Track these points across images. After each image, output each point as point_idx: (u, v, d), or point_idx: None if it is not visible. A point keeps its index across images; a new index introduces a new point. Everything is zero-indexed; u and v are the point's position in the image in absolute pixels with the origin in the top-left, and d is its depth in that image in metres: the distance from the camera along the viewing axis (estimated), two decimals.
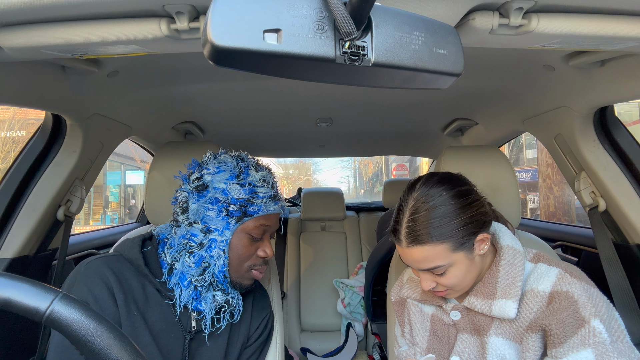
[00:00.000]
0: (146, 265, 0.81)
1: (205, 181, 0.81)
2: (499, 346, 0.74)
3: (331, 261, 2.30)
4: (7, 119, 9.95)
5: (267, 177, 0.85)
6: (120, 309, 0.75)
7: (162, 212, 1.16)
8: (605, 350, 0.61)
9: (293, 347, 2.11)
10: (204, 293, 0.82)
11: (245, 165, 0.84)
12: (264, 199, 0.82)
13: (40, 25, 0.59)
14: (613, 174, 1.06)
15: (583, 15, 0.60)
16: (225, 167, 0.83)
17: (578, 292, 0.66)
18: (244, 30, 0.35)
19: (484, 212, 0.75)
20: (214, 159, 0.85)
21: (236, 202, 0.80)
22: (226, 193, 0.80)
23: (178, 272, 0.81)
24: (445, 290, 0.78)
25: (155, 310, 0.80)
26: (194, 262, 0.79)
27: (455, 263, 0.73)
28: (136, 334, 0.75)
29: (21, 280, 0.37)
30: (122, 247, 0.85)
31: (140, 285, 0.80)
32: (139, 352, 0.38)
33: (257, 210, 0.81)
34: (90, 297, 0.73)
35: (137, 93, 1.16)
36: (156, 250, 0.86)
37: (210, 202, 0.80)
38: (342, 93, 1.28)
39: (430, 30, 0.43)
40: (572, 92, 1.02)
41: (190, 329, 0.82)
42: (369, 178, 25.69)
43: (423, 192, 0.74)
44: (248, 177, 0.82)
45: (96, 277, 0.76)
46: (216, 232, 0.80)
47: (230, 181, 0.81)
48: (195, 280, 0.80)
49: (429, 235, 0.71)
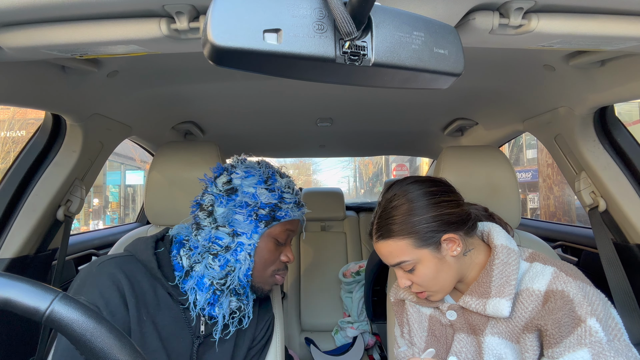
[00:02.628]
0: (159, 267, 0.80)
1: (235, 185, 0.82)
2: (495, 346, 0.74)
3: (331, 261, 2.30)
4: (7, 119, 9.95)
5: (290, 184, 0.87)
6: (131, 314, 0.74)
7: (162, 212, 1.16)
8: (602, 349, 0.61)
9: (293, 347, 2.11)
10: (222, 298, 0.81)
11: (272, 172, 0.86)
12: (290, 205, 0.84)
13: (40, 25, 0.59)
14: (613, 174, 1.06)
15: (583, 15, 0.60)
16: (255, 172, 0.84)
17: (574, 291, 0.66)
18: (244, 30, 0.35)
19: (454, 212, 0.76)
20: (241, 164, 0.86)
21: (265, 206, 0.81)
22: (255, 197, 0.81)
23: (197, 275, 0.79)
24: (423, 292, 0.79)
25: (165, 314, 0.79)
26: (219, 265, 0.79)
27: (421, 260, 0.76)
28: (145, 341, 0.75)
29: (21, 280, 0.37)
30: (134, 247, 0.84)
31: (151, 288, 0.79)
32: (139, 352, 0.38)
33: (284, 215, 0.82)
34: (101, 300, 0.72)
35: (137, 93, 1.16)
36: (169, 252, 0.85)
37: (239, 205, 0.80)
38: (342, 93, 1.28)
39: (430, 30, 0.43)
40: (572, 92, 1.02)
41: (199, 333, 0.82)
42: (369, 178, 25.69)
43: (393, 191, 0.79)
44: (275, 183, 0.84)
45: (108, 279, 0.75)
46: (244, 235, 0.80)
47: (259, 186, 0.82)
48: (216, 283, 0.79)
49: (392, 231, 0.76)
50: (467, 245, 0.78)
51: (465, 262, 0.78)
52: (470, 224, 0.79)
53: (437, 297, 0.80)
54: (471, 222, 0.79)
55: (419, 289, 0.80)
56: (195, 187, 1.13)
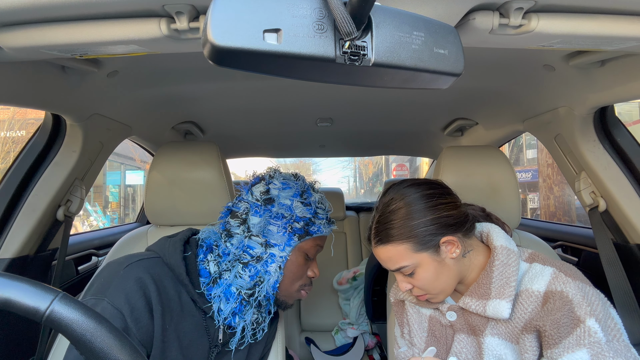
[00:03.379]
0: (187, 273, 0.78)
1: (272, 195, 0.82)
2: (495, 346, 0.74)
3: (331, 261, 2.30)
4: (7, 119, 9.94)
5: (323, 200, 0.87)
6: (156, 322, 0.72)
7: (162, 212, 1.16)
8: (601, 350, 0.61)
9: (293, 347, 2.11)
10: (247, 308, 0.79)
11: (307, 186, 0.86)
12: (323, 221, 0.84)
13: (40, 25, 0.59)
14: (613, 174, 1.06)
15: (583, 15, 0.60)
16: (292, 184, 0.84)
17: (573, 291, 0.66)
18: (244, 30, 0.35)
19: (452, 214, 0.76)
20: (279, 174, 0.86)
21: (300, 220, 0.81)
22: (291, 210, 0.81)
23: (226, 283, 0.78)
24: (424, 294, 0.79)
25: (187, 321, 0.78)
26: (249, 276, 0.78)
27: (421, 264, 0.75)
28: (165, 349, 0.73)
29: (21, 280, 0.36)
30: (162, 249, 0.81)
31: (177, 294, 0.77)
32: (139, 352, 0.38)
33: (317, 230, 0.83)
34: (126, 306, 0.69)
35: (137, 93, 1.16)
36: (196, 257, 0.82)
37: (275, 217, 0.80)
38: (342, 93, 1.28)
39: (430, 30, 0.43)
40: (572, 92, 1.02)
41: (218, 342, 0.81)
42: (369, 178, 25.69)
43: (390, 195, 0.79)
44: (311, 197, 0.84)
45: (135, 285, 0.72)
46: (277, 247, 0.79)
47: (295, 199, 0.82)
48: (243, 293, 0.78)
49: (391, 236, 0.75)
50: (466, 247, 0.78)
51: (465, 264, 0.78)
52: (468, 225, 0.78)
53: (438, 300, 0.80)
54: (469, 223, 0.79)
55: (419, 292, 0.79)
56: (196, 187, 1.13)
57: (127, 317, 0.69)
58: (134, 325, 0.69)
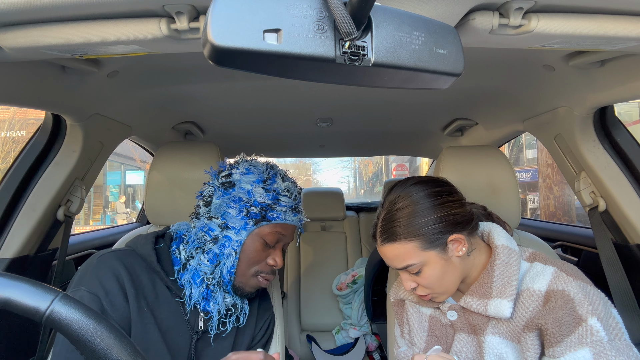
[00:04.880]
0: (158, 262, 0.82)
1: (233, 179, 0.84)
2: (496, 345, 0.74)
3: (331, 261, 2.30)
4: (7, 119, 9.95)
5: (291, 189, 0.87)
6: (131, 304, 0.75)
7: (162, 212, 1.16)
8: (603, 348, 0.61)
9: (293, 347, 2.11)
10: (216, 292, 0.82)
11: (274, 173, 0.87)
12: (285, 208, 0.84)
13: (40, 25, 0.59)
14: (613, 174, 1.06)
15: (583, 15, 0.60)
16: (255, 170, 0.85)
17: (574, 290, 0.66)
18: (244, 30, 0.35)
19: (459, 213, 0.76)
20: (245, 161, 0.88)
21: (258, 204, 0.82)
22: (250, 194, 0.82)
23: (192, 269, 0.81)
24: (427, 294, 0.79)
25: (164, 308, 0.80)
26: (208, 259, 0.81)
27: (428, 262, 0.75)
28: (146, 330, 0.76)
29: (21, 280, 0.37)
30: (135, 242, 0.86)
31: (150, 282, 0.80)
32: (139, 352, 0.38)
33: (275, 217, 0.83)
34: (101, 290, 0.73)
35: (137, 93, 1.16)
36: (169, 248, 0.87)
37: (233, 200, 0.82)
38: (342, 93, 1.28)
39: (430, 30, 0.43)
40: (572, 92, 1.02)
41: (198, 329, 0.83)
42: (369, 178, 25.69)
43: (396, 193, 0.78)
44: (274, 184, 0.84)
45: (108, 270, 0.76)
46: (233, 230, 0.81)
47: (257, 184, 0.83)
48: (207, 278, 0.81)
49: (398, 234, 0.75)
50: (471, 245, 0.78)
51: (469, 263, 0.78)
52: (473, 223, 0.79)
53: (442, 299, 0.80)
54: (474, 221, 0.79)
55: (424, 292, 0.79)
56: (196, 187, 1.13)
57: (102, 299, 0.73)
58: (110, 308, 0.73)
